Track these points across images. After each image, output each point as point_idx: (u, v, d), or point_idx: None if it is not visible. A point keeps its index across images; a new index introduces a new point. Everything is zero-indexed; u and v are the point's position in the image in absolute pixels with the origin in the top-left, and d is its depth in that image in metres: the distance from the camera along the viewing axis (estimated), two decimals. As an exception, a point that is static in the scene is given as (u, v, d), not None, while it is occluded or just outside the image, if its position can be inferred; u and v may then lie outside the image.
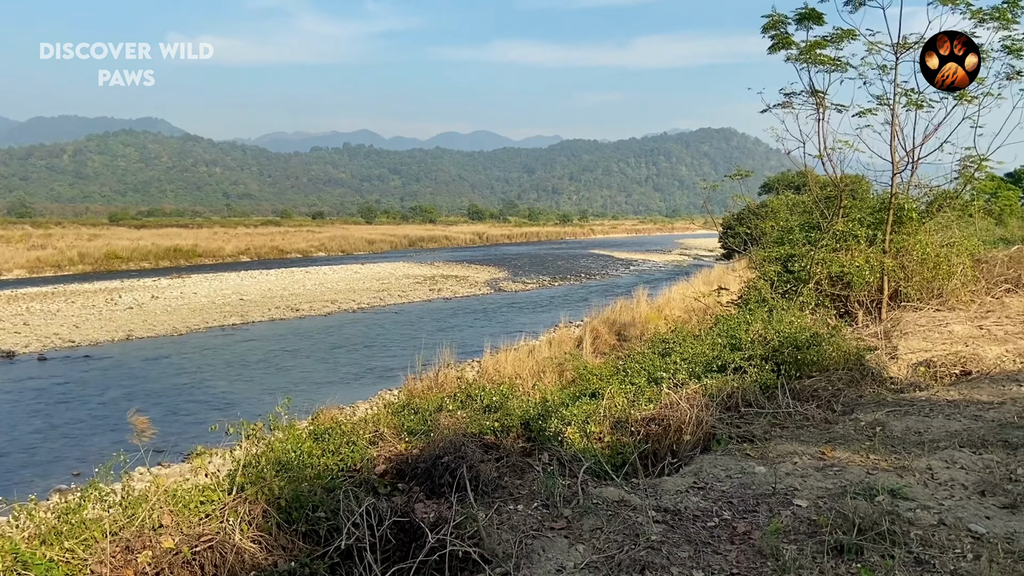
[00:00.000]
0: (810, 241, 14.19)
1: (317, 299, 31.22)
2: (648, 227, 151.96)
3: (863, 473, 5.27)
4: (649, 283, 30.41)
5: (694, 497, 4.95)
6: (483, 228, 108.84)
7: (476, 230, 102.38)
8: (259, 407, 13.53)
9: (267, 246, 63.04)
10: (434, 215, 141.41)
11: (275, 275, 41.34)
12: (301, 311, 27.92)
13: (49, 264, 45.85)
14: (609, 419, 7.17)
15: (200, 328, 24.02)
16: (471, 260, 57.12)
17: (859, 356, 9.51)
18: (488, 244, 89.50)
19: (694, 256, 63.21)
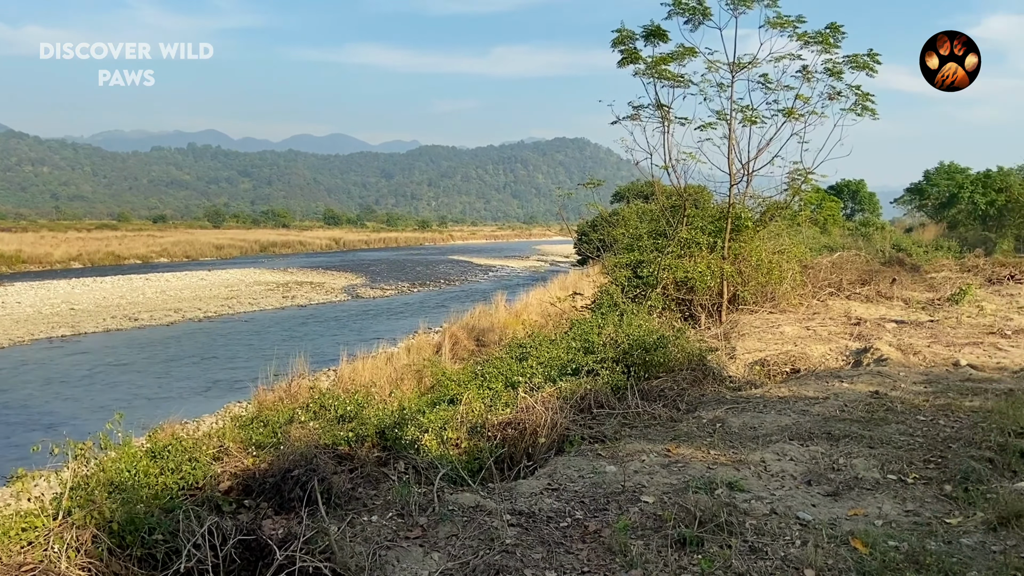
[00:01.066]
0: (657, 248, 14.87)
1: (159, 308, 29.38)
2: (506, 233, 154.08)
3: (704, 468, 5.56)
4: (508, 288, 30.81)
5: (548, 498, 5.03)
6: (340, 233, 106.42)
7: (332, 235, 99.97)
8: (90, 425, 12.52)
9: (102, 251, 58.66)
10: (288, 220, 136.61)
11: (111, 283, 38.51)
12: (140, 321, 26.17)
13: None
14: (466, 425, 7.17)
15: (24, 341, 21.99)
16: (327, 266, 55.67)
17: (702, 357, 10.04)
18: (345, 250, 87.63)
19: (551, 262, 64.70)
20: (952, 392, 8.04)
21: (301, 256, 72.90)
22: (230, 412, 12.44)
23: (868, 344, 11.23)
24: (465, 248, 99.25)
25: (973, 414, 7.01)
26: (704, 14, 13.53)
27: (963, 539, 4.27)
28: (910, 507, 4.79)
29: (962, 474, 5.27)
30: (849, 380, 8.91)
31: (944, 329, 12.66)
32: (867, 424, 6.77)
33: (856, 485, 5.20)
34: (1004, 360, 10.10)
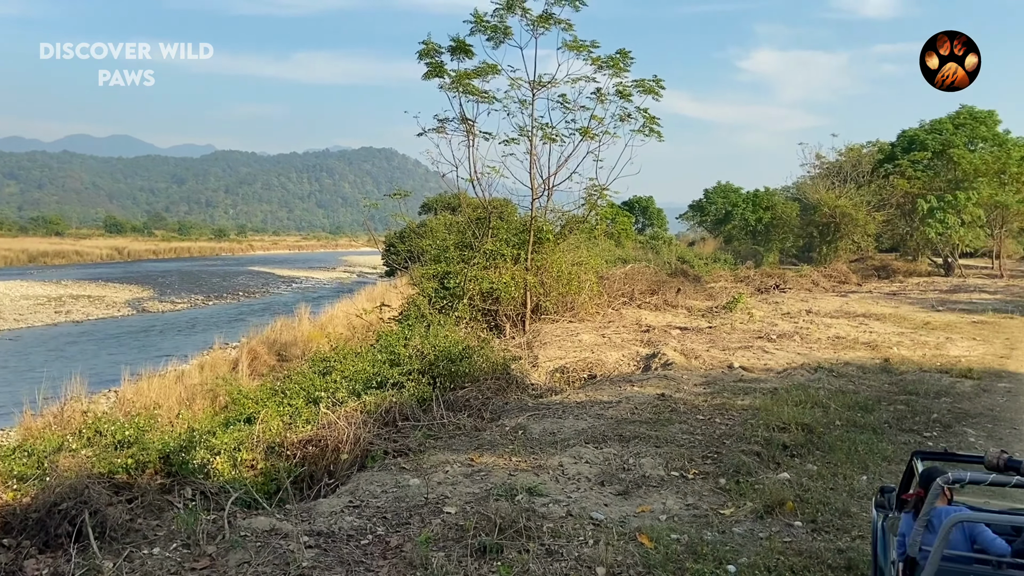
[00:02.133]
0: (464, 259, 15.07)
1: (-101, 326, 25.49)
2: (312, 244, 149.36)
3: (506, 475, 5.67)
4: (312, 301, 29.84)
5: (349, 516, 4.91)
6: (124, 242, 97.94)
7: (115, 244, 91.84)
8: None
9: None
10: (62, 227, 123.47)
11: None
12: None
13: None
14: (263, 444, 6.86)
15: None
16: (109, 278, 51.01)
17: (506, 365, 10.29)
18: (130, 260, 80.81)
19: (358, 273, 63.56)
20: (727, 392, 8.81)
21: (78, 267, 66.23)
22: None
23: (656, 350, 12.05)
24: (267, 259, 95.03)
25: (744, 412, 7.72)
26: (505, 33, 13.95)
27: (735, 528, 4.67)
28: (690, 501, 5.18)
29: (734, 468, 5.78)
30: (639, 384, 9.50)
31: (721, 334, 13.87)
32: (654, 425, 7.24)
33: (644, 483, 5.54)
34: (770, 361, 11.23)
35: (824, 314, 16.69)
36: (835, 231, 31.88)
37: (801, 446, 6.42)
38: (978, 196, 27.63)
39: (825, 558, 4.23)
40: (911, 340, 13.23)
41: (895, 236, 33.37)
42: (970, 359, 11.38)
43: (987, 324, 15.31)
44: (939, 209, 27.67)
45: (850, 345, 12.65)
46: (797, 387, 8.88)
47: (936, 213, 27.69)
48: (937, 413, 7.94)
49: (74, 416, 10.14)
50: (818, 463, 6.05)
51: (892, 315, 16.77)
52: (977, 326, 15.09)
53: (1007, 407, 8.43)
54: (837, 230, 31.76)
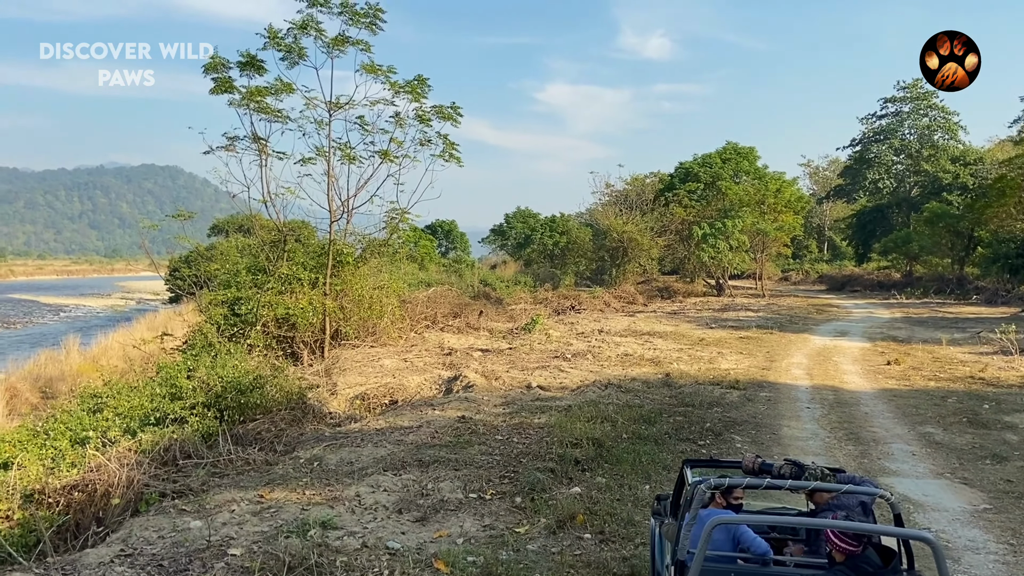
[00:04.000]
0: (257, 284, 14.38)
1: None
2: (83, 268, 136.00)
3: (299, 510, 5.42)
4: (83, 330, 27.09)
5: (120, 567, 4.45)
6: None
7: None
8: None
9: None
10: None
11: None
12: None
13: None
14: (19, 492, 6.10)
15: None
16: None
17: (302, 395, 9.90)
18: None
19: (138, 300, 58.62)
20: (525, 411, 9.04)
21: None
22: None
23: (458, 372, 12.15)
24: (30, 285, 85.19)
25: (540, 429, 7.96)
26: (300, 54, 13.62)
27: (529, 545, 4.77)
28: (487, 521, 5.23)
29: (530, 485, 5.92)
30: (441, 407, 9.51)
31: (520, 355, 14.27)
32: (454, 448, 7.26)
33: (442, 507, 5.52)
34: (566, 380, 11.70)
35: (614, 333, 17.71)
36: (624, 255, 34.02)
37: (592, 460, 6.72)
38: (743, 224, 30.77)
39: (611, 567, 4.43)
40: (689, 355, 14.37)
41: (675, 259, 36.31)
42: (737, 371, 12.54)
43: (751, 339, 16.99)
44: (711, 235, 30.48)
45: (636, 362, 13.50)
46: (589, 403, 9.31)
47: (708, 239, 30.47)
48: (710, 422, 8.64)
49: None
50: (607, 475, 6.35)
51: (673, 332, 18.14)
52: (743, 341, 16.70)
53: (767, 414, 9.37)
54: (625, 254, 33.91)
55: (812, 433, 8.50)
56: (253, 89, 13.49)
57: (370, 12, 13.53)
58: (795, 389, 11.25)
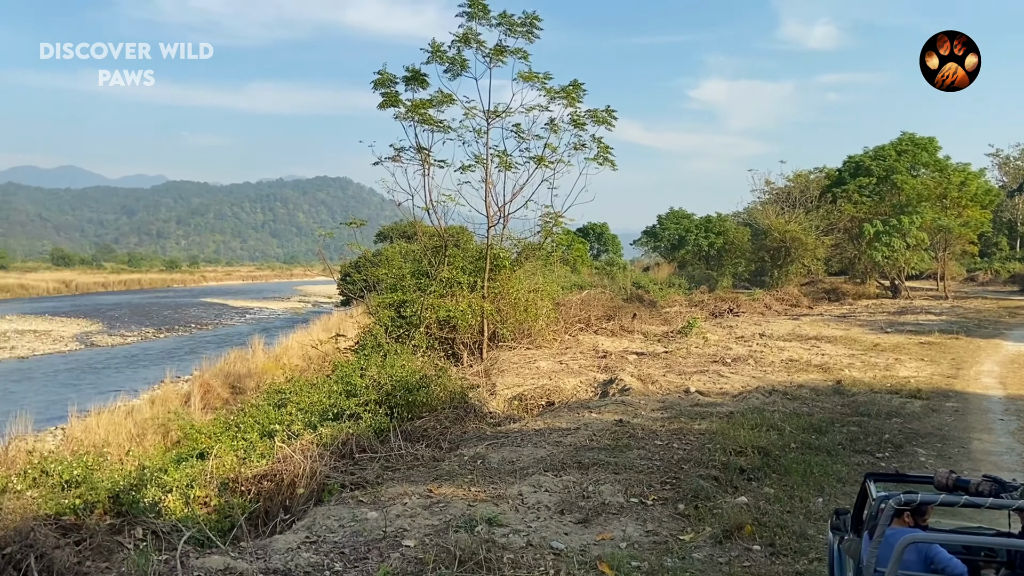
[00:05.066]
0: (420, 288, 15.01)
1: None
2: (266, 274, 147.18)
3: (465, 506, 5.62)
4: (267, 331, 29.38)
5: (306, 553, 4.80)
6: (71, 275, 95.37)
7: (62, 278, 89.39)
8: None
9: None
10: (5, 261, 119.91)
11: None
12: None
13: None
14: (217, 480, 6.70)
15: None
16: (55, 312, 49.62)
17: (463, 394, 10.23)
18: (78, 293, 78.66)
19: (313, 303, 62.77)
20: (684, 417, 8.88)
21: (23, 301, 64.26)
22: (-76, 486, 10.58)
23: (614, 375, 12.11)
24: (220, 290, 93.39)
25: (701, 436, 7.79)
26: (462, 65, 14.08)
27: (695, 553, 4.69)
28: (650, 527, 5.19)
29: (693, 492, 5.81)
30: (597, 410, 9.52)
31: (677, 359, 14.01)
32: (613, 451, 7.25)
33: (604, 510, 5.53)
34: (726, 385, 11.37)
35: (777, 337, 16.99)
36: (786, 255, 32.56)
37: (758, 469, 6.50)
38: (921, 220, 28.54)
39: (783, 581, 4.27)
40: (862, 362, 13.53)
41: (844, 259, 34.23)
42: (919, 379, 11.67)
43: (934, 345, 15.74)
44: (885, 233, 28.48)
45: (803, 368, 12.88)
46: (752, 410, 8.99)
47: (882, 237, 28.49)
48: (888, 434, 8.10)
49: (19, 456, 9.78)
50: (775, 486, 6.12)
51: (843, 337, 17.14)
52: (924, 347, 15.50)
53: (955, 426, 8.65)
54: (788, 254, 32.44)
55: (1007, 448, 7.77)
56: (417, 102, 14.11)
57: (527, 21, 13.79)
58: (986, 399, 10.32)
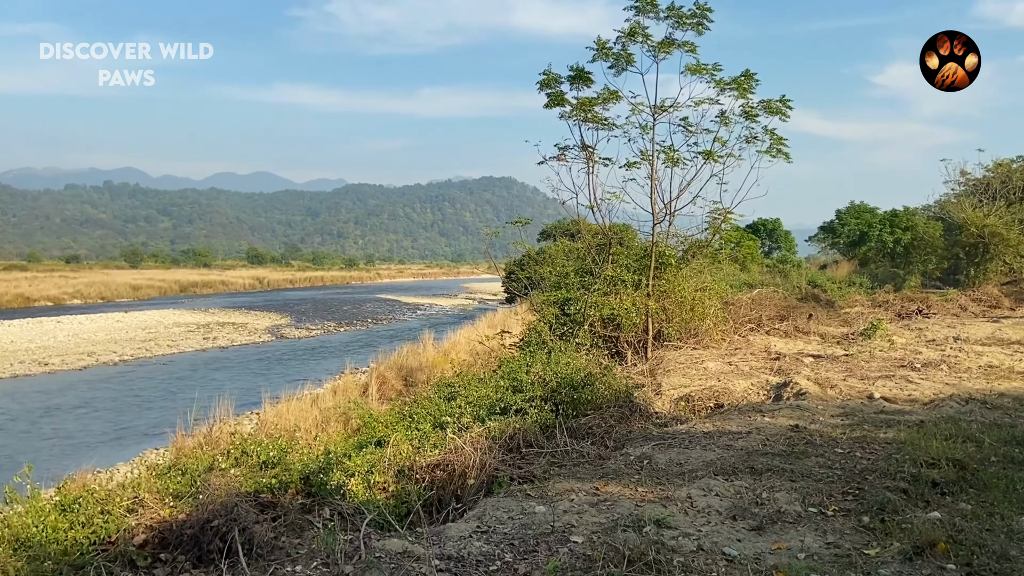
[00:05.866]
0: (584, 286, 15.07)
1: (71, 352, 28.06)
2: (434, 272, 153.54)
3: (632, 505, 5.58)
4: (436, 327, 30.64)
5: (477, 542, 4.97)
6: (264, 273, 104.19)
7: (256, 275, 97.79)
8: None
9: (10, 293, 55.88)
10: (209, 259, 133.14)
11: (19, 326, 36.63)
12: (51, 365, 24.93)
13: None
14: (394, 467, 7.06)
15: (-82, 388, 20.63)
16: (251, 306, 54.34)
17: (628, 393, 10.16)
18: (269, 289, 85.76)
19: (479, 300, 64.73)
20: (867, 424, 8.32)
21: (223, 296, 70.97)
22: (146, 460, 11.95)
23: (787, 378, 11.57)
24: (393, 287, 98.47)
25: (887, 445, 7.27)
26: (628, 60, 13.96)
27: (881, 570, 4.39)
28: (831, 539, 4.91)
29: (878, 505, 5.44)
30: (770, 414, 9.14)
31: (858, 363, 13.15)
32: (788, 457, 6.94)
33: (779, 519, 5.31)
34: (915, 392, 10.54)
35: (974, 341, 15.52)
36: (984, 252, 29.69)
37: (952, 483, 5.98)
38: None
39: (985, 607, 3.91)
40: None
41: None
42: None
43: None
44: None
45: (1005, 375, 11.69)
46: (946, 420, 8.28)
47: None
48: (1111, 451, 7.19)
49: (222, 437, 10.82)
50: (972, 502, 5.60)
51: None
52: None
53: None
54: (986, 251, 29.57)
55: None
56: (583, 100, 14.14)
57: (697, 13, 13.45)
58: None
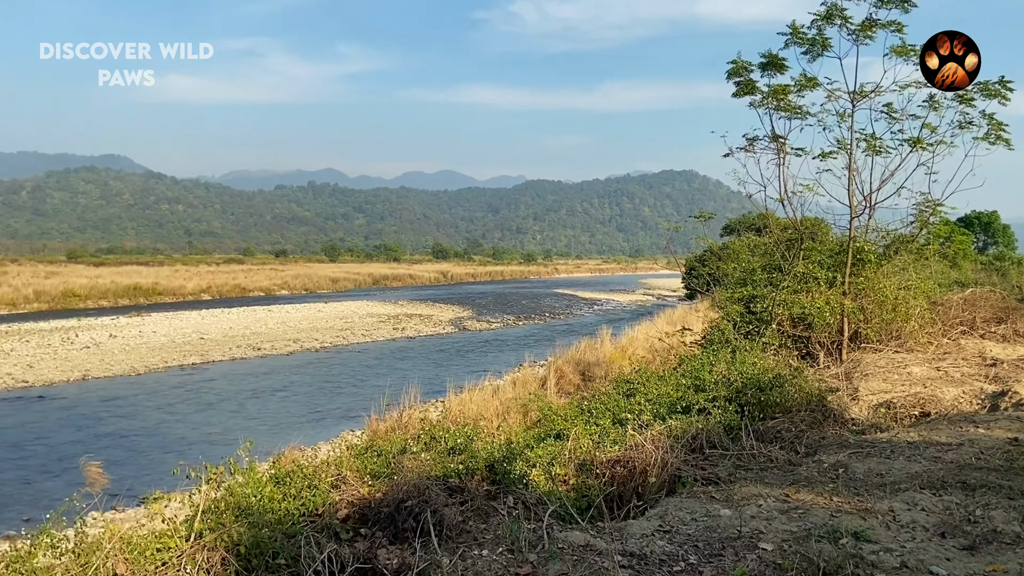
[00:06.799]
0: (772, 282, 14.40)
1: (279, 338, 30.80)
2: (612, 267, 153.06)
3: (827, 515, 5.29)
4: (613, 323, 30.58)
5: (660, 541, 4.91)
6: (448, 267, 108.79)
7: (440, 269, 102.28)
8: (216, 449, 13.20)
9: (229, 284, 62.20)
10: (399, 254, 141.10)
11: (237, 314, 40.72)
12: (263, 350, 27.49)
13: (3, 302, 44.69)
14: (574, 461, 7.12)
15: (159, 368, 23.50)
16: (435, 299, 56.96)
17: (821, 397, 9.61)
18: (452, 283, 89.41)
19: (657, 296, 63.80)
20: (1105, 442, 7.35)
21: (411, 289, 74.95)
22: (345, 440, 12.89)
23: (1006, 387, 10.44)
24: (570, 281, 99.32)
25: None
26: (823, 45, 13.14)
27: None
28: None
29: (1120, 533, 4.80)
30: (985, 425, 8.30)
31: (1094, 373, 11.62)
32: (1006, 473, 6.27)
33: (994, 539, 4.82)
34: None
35: None
36: None
37: None
38: None
39: None
40: None
41: None
42: None
43: None
44: None
45: None
46: None
47: None
48: None
49: (411, 422, 11.45)
50: None
51: None
52: None
53: None
54: None
55: None
56: (777, 88, 13.49)
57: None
58: None
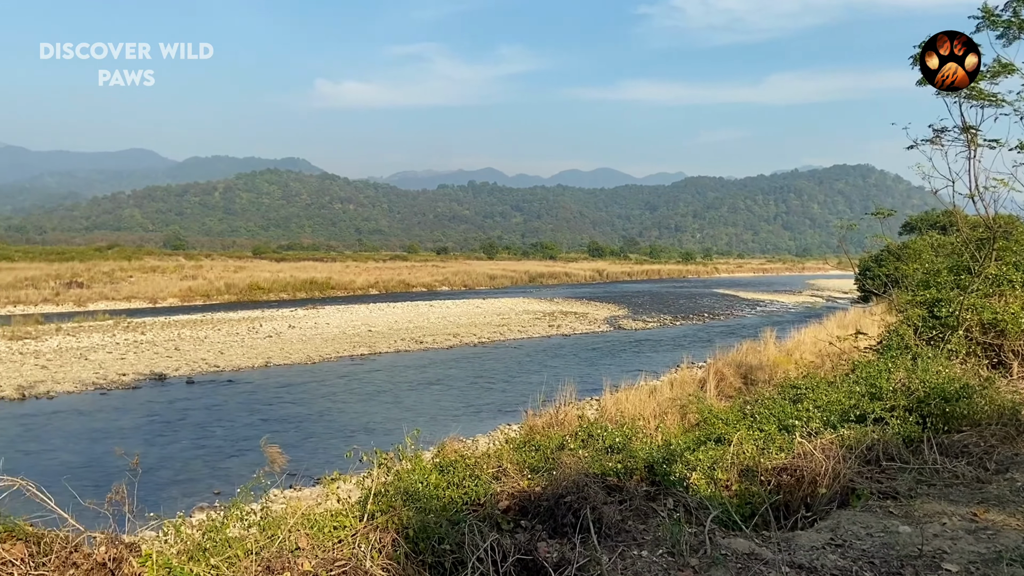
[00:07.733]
0: (959, 285, 13.27)
1: (440, 332, 31.99)
2: (776, 267, 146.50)
3: (1020, 538, 4.83)
4: (777, 325, 29.28)
5: (831, 555, 4.68)
6: (603, 265, 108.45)
7: (596, 267, 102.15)
8: (383, 435, 13.93)
9: (394, 280, 65.42)
10: (554, 251, 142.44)
11: (401, 308, 42.73)
12: (424, 343, 28.68)
13: (199, 293, 49.56)
14: (737, 467, 6.92)
15: (331, 357, 25.11)
16: (590, 297, 56.97)
17: (1015, 410, 8.74)
18: (608, 281, 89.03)
19: (827, 297, 60.39)
20: None
21: (566, 287, 75.42)
22: (503, 434, 13.20)
23: None
24: (730, 281, 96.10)
25: None
26: (1021, 27, 11.94)
27: None
28: None
29: None
30: None
31: None
32: None
33: None
34: None
35: None
36: None
37: None
38: None
39: None
40: None
41: None
42: None
43: None
44: None
45: None
46: None
47: None
48: None
49: (567, 419, 11.53)
50: None
51: None
52: None
53: None
54: None
55: None
56: (964, 74, 12.42)
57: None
58: None
